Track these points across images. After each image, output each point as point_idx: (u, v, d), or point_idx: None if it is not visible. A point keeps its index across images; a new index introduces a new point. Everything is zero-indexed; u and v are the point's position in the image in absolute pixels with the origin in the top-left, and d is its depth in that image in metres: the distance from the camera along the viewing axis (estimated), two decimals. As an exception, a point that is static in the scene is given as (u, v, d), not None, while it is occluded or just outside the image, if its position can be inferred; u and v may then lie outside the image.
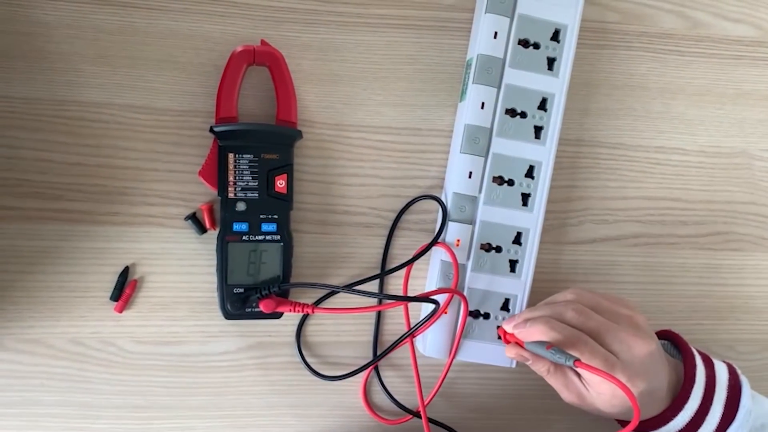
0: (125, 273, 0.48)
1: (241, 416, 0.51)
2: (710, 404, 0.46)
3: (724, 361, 0.50)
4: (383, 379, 0.52)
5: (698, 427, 0.46)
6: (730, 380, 0.48)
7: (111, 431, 0.49)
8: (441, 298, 0.49)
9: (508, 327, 0.48)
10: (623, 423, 0.50)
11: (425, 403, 0.51)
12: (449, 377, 0.52)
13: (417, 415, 0.52)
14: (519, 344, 0.47)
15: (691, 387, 0.46)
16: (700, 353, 0.49)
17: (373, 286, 0.52)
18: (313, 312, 0.48)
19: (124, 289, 0.48)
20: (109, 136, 0.48)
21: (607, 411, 0.46)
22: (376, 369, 0.52)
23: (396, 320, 0.52)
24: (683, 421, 0.46)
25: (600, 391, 0.44)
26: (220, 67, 0.47)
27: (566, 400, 0.47)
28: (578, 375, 0.46)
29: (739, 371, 0.49)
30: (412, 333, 0.50)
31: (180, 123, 0.49)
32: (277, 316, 0.49)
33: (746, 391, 0.47)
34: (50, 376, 0.48)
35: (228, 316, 0.48)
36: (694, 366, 0.47)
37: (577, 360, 0.41)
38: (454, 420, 0.53)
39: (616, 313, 0.46)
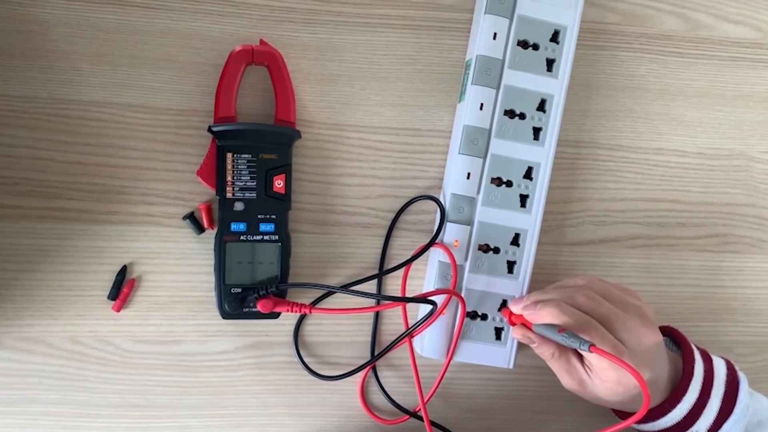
0: (123, 272, 0.48)
1: (238, 415, 0.51)
2: (708, 398, 0.47)
3: (723, 357, 0.50)
4: (381, 380, 0.52)
5: (695, 421, 0.46)
6: (728, 375, 0.48)
7: (109, 430, 0.49)
8: (439, 299, 0.49)
9: (515, 308, 0.48)
10: (620, 414, 0.50)
11: (426, 399, 0.52)
12: (446, 378, 0.52)
13: (414, 415, 0.52)
14: (526, 325, 0.46)
15: (690, 380, 0.47)
16: (698, 349, 0.49)
17: (371, 287, 0.52)
18: (310, 312, 0.48)
19: (122, 288, 0.48)
20: (108, 135, 0.48)
21: (607, 399, 0.46)
22: (374, 369, 0.52)
23: (393, 320, 0.52)
24: (681, 413, 0.46)
25: (604, 379, 0.44)
26: (219, 66, 0.47)
27: (566, 386, 0.47)
28: (581, 361, 0.46)
29: (737, 367, 0.49)
30: (409, 334, 0.50)
31: (179, 122, 0.49)
32: (275, 316, 0.49)
33: (744, 387, 0.48)
34: (48, 374, 0.48)
35: (225, 315, 0.48)
36: (692, 360, 0.48)
37: (592, 345, 0.41)
38: (451, 420, 0.53)
39: (626, 302, 0.46)
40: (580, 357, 0.46)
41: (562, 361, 0.46)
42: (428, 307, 0.48)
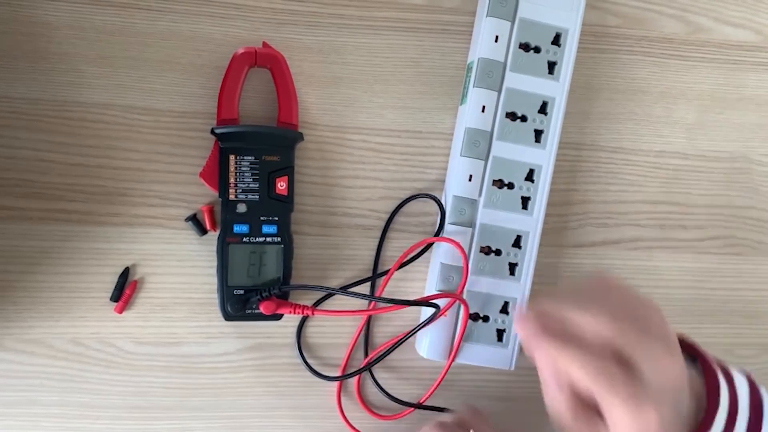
0: (125, 274, 0.48)
1: (240, 417, 0.51)
2: (733, 428, 0.40)
3: (743, 373, 0.44)
4: (379, 381, 0.52)
5: None
6: (751, 398, 0.42)
7: (110, 431, 0.49)
8: (440, 301, 0.49)
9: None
10: None
11: (423, 399, 0.52)
12: (446, 379, 0.52)
13: (417, 406, 0.52)
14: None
15: (715, 413, 0.40)
16: (719, 367, 0.43)
17: (375, 285, 0.52)
18: (312, 314, 0.48)
19: (124, 289, 0.48)
20: (110, 136, 0.48)
21: None
22: (370, 371, 0.52)
23: (391, 321, 0.52)
24: None
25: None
26: (221, 68, 0.47)
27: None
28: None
29: (758, 385, 0.44)
30: (410, 336, 0.50)
31: (181, 124, 0.49)
32: (277, 317, 0.49)
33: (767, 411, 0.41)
34: (50, 376, 0.48)
35: (228, 317, 0.48)
36: (717, 387, 0.41)
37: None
38: (453, 422, 0.53)
39: (648, 320, 0.38)
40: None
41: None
42: (430, 309, 0.48)
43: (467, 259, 0.49)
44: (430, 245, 0.52)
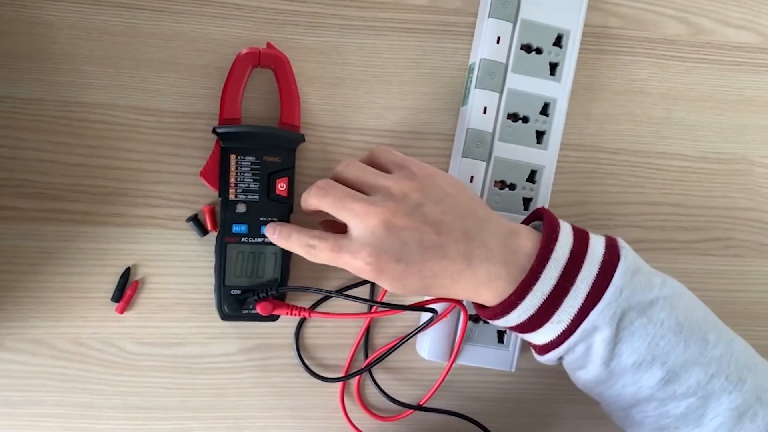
0: (126, 274, 0.48)
1: (240, 418, 0.51)
2: (571, 284, 0.39)
3: (607, 236, 0.43)
4: (379, 381, 0.52)
5: (554, 311, 0.40)
6: (605, 255, 0.41)
7: (111, 431, 0.49)
8: (440, 305, 0.49)
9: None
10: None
11: (424, 400, 0.52)
12: (447, 380, 0.52)
13: (417, 408, 0.52)
14: None
15: (544, 266, 0.39)
16: (575, 228, 0.43)
17: (375, 287, 0.52)
18: (309, 316, 0.48)
19: (125, 290, 0.48)
20: (112, 137, 0.48)
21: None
22: (369, 372, 0.52)
23: (393, 322, 0.52)
24: (533, 305, 0.40)
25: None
26: (224, 69, 0.47)
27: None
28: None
29: (621, 242, 0.42)
30: (408, 339, 0.50)
31: (183, 125, 0.49)
32: (274, 318, 0.49)
33: (622, 266, 0.40)
34: (51, 376, 0.48)
35: (224, 317, 0.48)
36: (553, 240, 0.40)
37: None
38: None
39: (395, 163, 0.43)
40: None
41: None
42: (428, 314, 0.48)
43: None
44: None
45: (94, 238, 0.48)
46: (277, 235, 0.46)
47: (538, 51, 0.50)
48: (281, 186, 0.48)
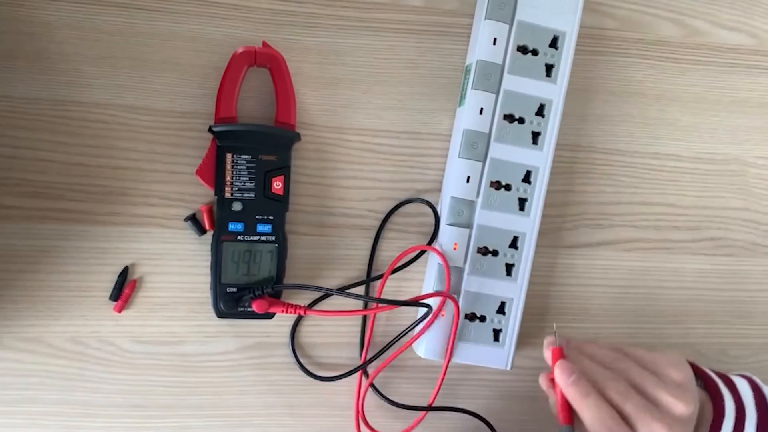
0: (125, 273, 0.49)
1: (238, 416, 0.51)
2: (742, 429, 0.44)
3: (743, 376, 0.48)
4: (379, 381, 0.53)
5: None
6: (756, 400, 0.45)
7: (110, 430, 0.49)
8: (435, 302, 0.49)
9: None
10: None
11: (430, 401, 0.52)
12: (446, 379, 0.53)
13: (418, 408, 0.52)
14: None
15: (722, 417, 0.44)
16: (717, 374, 0.47)
17: (371, 287, 0.52)
18: (305, 313, 0.48)
19: (123, 288, 0.49)
20: (110, 136, 0.48)
21: None
22: (373, 386, 0.53)
23: (389, 321, 0.53)
24: None
25: None
26: (221, 69, 0.48)
27: None
28: None
29: (760, 384, 0.47)
30: (402, 336, 0.50)
31: (180, 124, 0.49)
32: (269, 316, 0.49)
33: None
34: (49, 374, 0.48)
35: (220, 314, 0.48)
36: (720, 396, 0.45)
37: None
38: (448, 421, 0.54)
39: (658, 399, 0.43)
40: None
41: None
42: (424, 309, 0.48)
43: (448, 268, 0.50)
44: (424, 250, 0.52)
45: (92, 237, 0.48)
46: (573, 384, 0.43)
47: (534, 52, 0.51)
48: (277, 184, 0.48)
